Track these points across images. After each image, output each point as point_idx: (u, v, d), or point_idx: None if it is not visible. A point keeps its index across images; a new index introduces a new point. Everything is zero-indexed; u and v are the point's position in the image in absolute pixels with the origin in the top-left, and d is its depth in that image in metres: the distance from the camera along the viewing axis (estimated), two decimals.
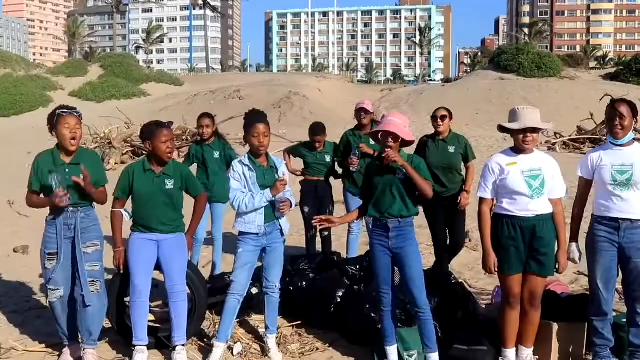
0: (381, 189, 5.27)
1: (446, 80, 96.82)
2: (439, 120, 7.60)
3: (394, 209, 5.24)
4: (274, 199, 5.50)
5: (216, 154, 8.05)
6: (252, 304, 6.47)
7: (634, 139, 5.31)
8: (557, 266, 5.27)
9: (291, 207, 5.61)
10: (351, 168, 7.91)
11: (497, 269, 5.27)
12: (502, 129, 5.33)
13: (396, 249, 5.26)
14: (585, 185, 5.46)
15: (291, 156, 8.48)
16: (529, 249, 5.16)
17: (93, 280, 5.45)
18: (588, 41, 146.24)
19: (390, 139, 5.16)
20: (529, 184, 5.11)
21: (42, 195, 5.49)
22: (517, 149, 5.24)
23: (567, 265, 5.35)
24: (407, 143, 5.31)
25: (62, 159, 5.44)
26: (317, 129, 8.22)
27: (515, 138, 5.20)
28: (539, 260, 5.16)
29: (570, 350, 5.65)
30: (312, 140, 8.20)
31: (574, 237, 5.50)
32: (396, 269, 5.37)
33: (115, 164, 20.66)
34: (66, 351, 5.67)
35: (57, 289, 5.50)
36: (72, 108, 5.54)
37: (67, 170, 5.40)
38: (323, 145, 8.25)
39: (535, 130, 5.14)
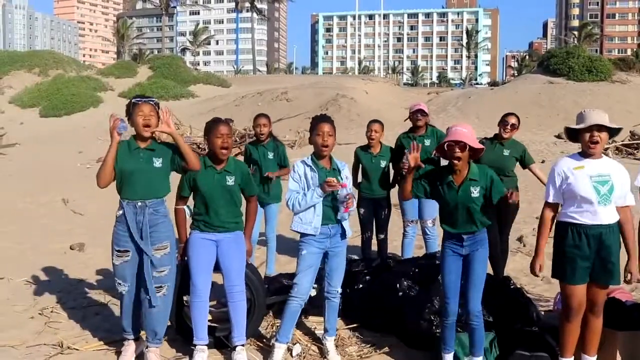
0: (454, 206, 5.20)
1: (493, 83, 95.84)
2: (508, 127, 7.54)
3: (469, 227, 5.20)
4: (324, 195, 5.44)
5: (270, 155, 8.07)
6: (310, 305, 6.46)
7: None
8: (628, 276, 5.10)
9: (354, 204, 5.56)
10: (403, 172, 7.85)
11: (560, 278, 5.17)
12: (568, 132, 5.22)
13: (469, 254, 5.22)
14: None
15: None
16: (594, 259, 5.03)
17: (160, 286, 5.45)
18: (639, 44, 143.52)
19: (457, 149, 5.10)
20: (596, 190, 4.94)
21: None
22: (584, 153, 5.08)
23: (638, 276, 5.15)
24: (476, 152, 5.21)
25: (137, 144, 5.43)
26: (372, 120, 8.22)
27: (582, 140, 5.04)
28: (605, 270, 5.03)
29: (636, 358, 5.53)
30: (367, 131, 8.13)
31: None
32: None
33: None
34: (128, 346, 5.70)
35: (124, 284, 5.50)
36: (148, 97, 5.56)
37: (141, 155, 5.40)
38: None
39: (601, 128, 4.98)
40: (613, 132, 5.10)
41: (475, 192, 5.16)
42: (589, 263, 5.03)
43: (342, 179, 5.57)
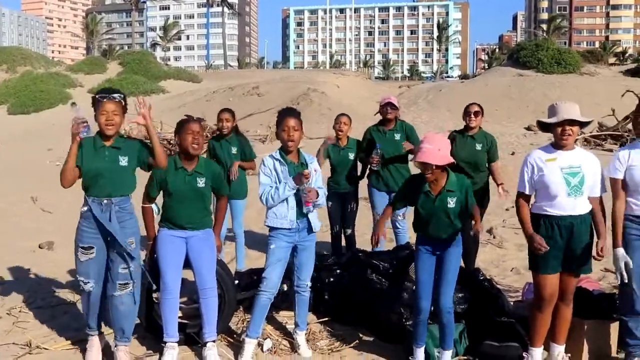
0: (430, 215, 5.21)
1: (464, 76, 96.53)
2: (472, 115, 7.60)
3: (443, 234, 5.21)
4: (297, 187, 5.44)
5: (234, 150, 8.04)
6: (281, 300, 6.46)
7: None
8: (600, 251, 5.12)
9: (317, 197, 5.53)
10: (372, 167, 7.87)
11: (533, 268, 5.24)
12: (540, 125, 5.27)
13: (442, 252, 5.25)
14: (618, 186, 5.34)
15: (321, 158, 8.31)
16: (566, 249, 5.09)
17: (126, 283, 5.39)
18: (607, 37, 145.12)
19: (427, 171, 5.09)
20: (567, 181, 5.01)
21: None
22: (556, 145, 5.15)
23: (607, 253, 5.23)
24: (449, 165, 5.20)
25: (102, 142, 5.33)
26: (340, 114, 8.24)
27: (554, 133, 5.12)
28: (576, 260, 5.11)
29: (601, 348, 5.60)
30: (335, 124, 8.13)
31: (617, 243, 5.29)
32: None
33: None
34: (92, 343, 5.63)
35: (89, 282, 5.41)
36: (113, 91, 5.41)
37: (107, 153, 5.31)
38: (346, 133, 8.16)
39: (573, 123, 5.05)
40: (583, 124, 5.18)
41: (452, 202, 5.16)
42: (561, 253, 5.10)
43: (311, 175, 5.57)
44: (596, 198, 5.19)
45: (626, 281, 5.15)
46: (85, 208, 5.34)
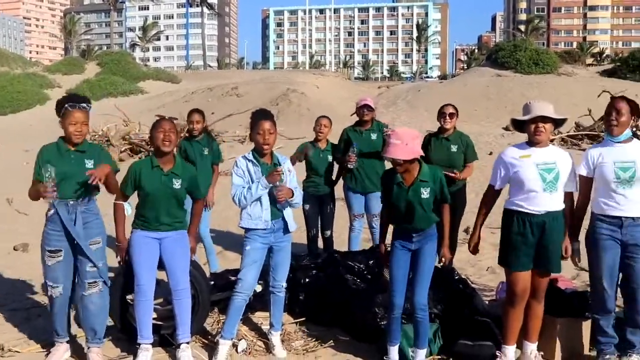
0: (404, 206, 5.24)
1: (443, 77, 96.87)
2: (447, 117, 7.61)
3: (418, 225, 5.24)
4: (270, 185, 5.43)
5: (205, 151, 8.03)
6: (256, 301, 6.45)
7: (633, 136, 5.30)
8: (564, 252, 5.26)
9: (292, 196, 5.54)
10: (349, 165, 7.87)
11: (505, 265, 5.29)
12: (514, 123, 5.32)
13: (418, 249, 5.27)
14: (586, 183, 5.41)
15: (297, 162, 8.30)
16: (537, 246, 5.14)
17: (95, 281, 5.40)
18: (585, 38, 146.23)
19: (397, 165, 5.15)
20: (542, 177, 5.07)
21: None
22: (530, 142, 5.22)
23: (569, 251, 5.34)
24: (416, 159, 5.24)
25: (67, 147, 5.36)
26: (321, 116, 8.27)
27: (527, 130, 5.17)
28: (547, 257, 5.15)
29: (574, 345, 5.65)
30: (316, 126, 8.12)
31: (576, 237, 5.45)
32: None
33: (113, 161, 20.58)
34: (57, 348, 5.61)
35: (57, 286, 5.41)
36: (81, 100, 5.43)
37: (72, 157, 5.33)
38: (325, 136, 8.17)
39: (545, 119, 5.10)
40: (558, 122, 5.23)
41: (426, 193, 5.20)
42: (532, 250, 5.15)
43: (283, 173, 5.57)
44: (569, 193, 5.26)
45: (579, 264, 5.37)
46: (52, 211, 5.35)
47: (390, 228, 5.55)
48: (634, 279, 5.19)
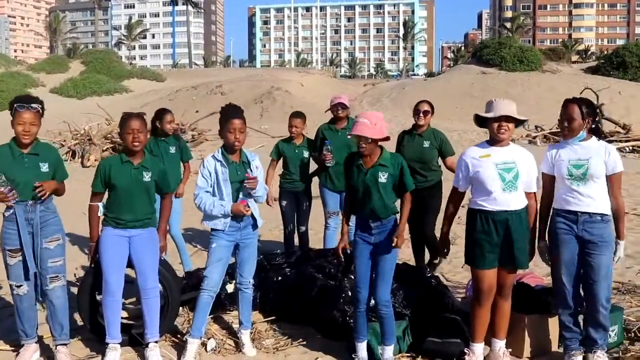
0: (363, 190, 5.26)
1: (429, 74, 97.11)
2: (421, 114, 7.64)
3: (375, 211, 5.25)
4: (231, 215, 5.48)
5: (172, 149, 8.02)
6: (227, 300, 6.45)
7: (593, 132, 5.33)
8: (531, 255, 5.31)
9: (254, 192, 5.56)
10: (326, 163, 7.88)
11: (470, 263, 5.32)
12: (477, 118, 5.34)
13: (377, 243, 5.27)
14: (549, 182, 5.46)
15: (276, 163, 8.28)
16: (502, 244, 5.15)
17: (57, 276, 5.45)
18: (570, 35, 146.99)
19: (361, 142, 5.16)
20: (502, 177, 5.10)
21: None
22: (492, 141, 5.25)
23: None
24: (383, 139, 5.28)
25: (19, 149, 5.36)
26: (293, 114, 8.25)
27: (490, 128, 5.20)
28: (512, 255, 5.17)
29: (543, 342, 5.68)
30: (289, 126, 8.12)
31: (542, 236, 5.50)
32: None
33: (95, 160, 20.49)
34: (25, 349, 5.60)
35: (21, 285, 5.43)
36: (31, 100, 5.41)
37: (26, 160, 5.34)
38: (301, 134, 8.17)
39: (509, 119, 5.14)
40: (519, 121, 5.25)
41: (383, 177, 5.22)
42: (497, 248, 5.17)
43: (252, 170, 5.57)
44: (531, 194, 5.29)
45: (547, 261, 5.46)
46: (10, 212, 5.35)
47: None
48: (591, 275, 5.22)
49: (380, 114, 5.39)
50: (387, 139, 5.24)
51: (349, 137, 7.95)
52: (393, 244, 5.19)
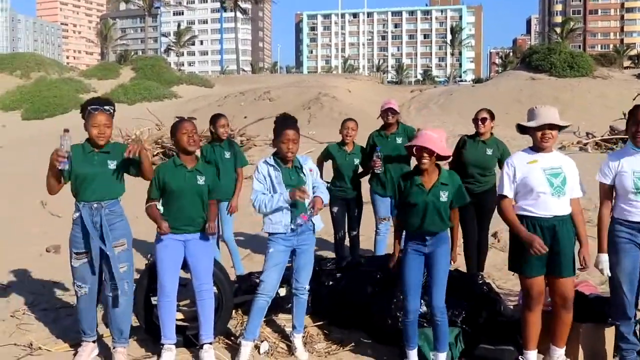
0: (423, 208, 5.26)
1: (477, 80, 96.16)
2: (479, 122, 7.66)
3: (433, 228, 5.26)
4: (290, 201, 5.47)
5: (227, 154, 8.08)
6: (280, 304, 6.50)
7: None
8: (582, 262, 5.19)
9: (323, 204, 5.60)
10: (375, 170, 7.90)
11: (517, 271, 5.27)
12: (520, 127, 5.32)
13: (430, 253, 5.28)
14: (607, 192, 5.39)
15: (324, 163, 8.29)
16: (550, 251, 5.08)
17: (121, 282, 5.48)
18: (622, 40, 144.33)
19: (425, 154, 5.17)
20: (550, 182, 5.07)
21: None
22: (536, 148, 5.22)
23: (591, 263, 5.27)
24: (443, 158, 5.31)
25: (91, 148, 5.47)
26: (347, 119, 8.29)
27: (534, 136, 5.18)
28: (560, 262, 5.11)
29: (597, 352, 5.60)
30: (342, 129, 8.14)
31: (602, 248, 5.37)
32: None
33: None
34: (84, 348, 5.72)
35: (84, 286, 5.54)
36: (104, 102, 5.51)
37: (95, 158, 5.44)
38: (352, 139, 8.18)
39: (553, 127, 5.10)
40: (562, 127, 5.22)
41: (444, 196, 5.25)
42: (544, 255, 5.09)
43: (305, 174, 5.62)
44: (575, 199, 5.23)
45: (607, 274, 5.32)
46: (77, 214, 5.46)
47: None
48: None
49: (444, 132, 5.40)
50: (448, 157, 5.26)
51: (396, 137, 8.00)
52: (450, 260, 5.21)
